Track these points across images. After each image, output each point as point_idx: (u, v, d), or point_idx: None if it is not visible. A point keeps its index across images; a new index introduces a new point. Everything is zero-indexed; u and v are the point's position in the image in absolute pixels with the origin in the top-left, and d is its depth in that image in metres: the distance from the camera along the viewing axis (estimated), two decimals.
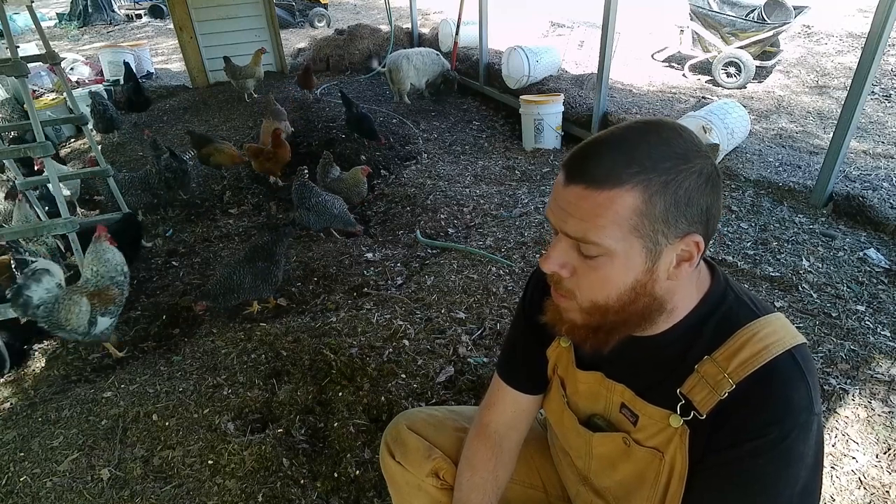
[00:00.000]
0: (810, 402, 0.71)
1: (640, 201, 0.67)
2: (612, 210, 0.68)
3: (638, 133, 0.70)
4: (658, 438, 0.81)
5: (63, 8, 14.40)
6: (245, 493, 1.60)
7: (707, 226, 0.72)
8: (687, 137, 0.70)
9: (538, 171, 4.09)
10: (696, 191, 0.69)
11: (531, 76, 5.14)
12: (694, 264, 0.73)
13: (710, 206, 0.70)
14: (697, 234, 0.71)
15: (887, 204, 2.88)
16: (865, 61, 2.63)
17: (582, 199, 0.69)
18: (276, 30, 7.16)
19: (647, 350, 0.82)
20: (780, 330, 0.75)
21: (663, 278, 0.73)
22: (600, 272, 0.72)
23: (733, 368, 0.73)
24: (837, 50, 5.96)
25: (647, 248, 0.70)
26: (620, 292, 0.73)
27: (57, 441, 1.86)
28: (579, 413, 0.94)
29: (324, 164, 3.72)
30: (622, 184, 0.67)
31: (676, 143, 0.69)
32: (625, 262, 0.71)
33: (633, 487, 0.87)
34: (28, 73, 2.68)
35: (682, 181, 0.68)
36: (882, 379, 1.82)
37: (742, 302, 0.79)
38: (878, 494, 1.47)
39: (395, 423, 1.14)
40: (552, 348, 0.97)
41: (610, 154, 0.69)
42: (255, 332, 2.31)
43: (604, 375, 0.88)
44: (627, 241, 0.69)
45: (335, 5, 13.22)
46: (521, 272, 2.63)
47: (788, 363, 0.72)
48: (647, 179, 0.67)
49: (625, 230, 0.68)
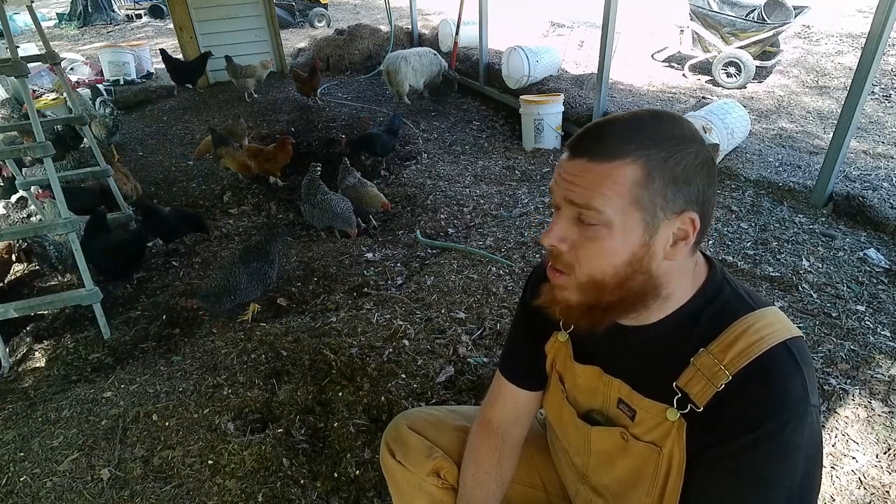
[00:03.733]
0: (806, 393, 0.71)
1: (641, 174, 0.70)
2: (614, 181, 0.71)
3: (639, 116, 0.75)
4: (656, 433, 0.81)
5: (63, 8, 14.39)
6: (245, 493, 1.60)
7: (703, 208, 0.74)
8: (686, 126, 0.74)
9: (538, 171, 4.09)
10: (693, 171, 0.72)
11: (531, 76, 5.14)
12: (689, 243, 0.75)
13: (705, 189, 0.73)
14: (694, 212, 0.73)
15: (887, 204, 2.88)
16: (865, 61, 2.63)
17: (586, 170, 0.72)
18: (276, 30, 7.16)
19: (642, 342, 0.82)
20: (776, 322, 0.75)
21: (660, 256, 0.74)
22: (599, 243, 0.74)
23: (729, 360, 0.73)
24: (837, 50, 5.96)
25: (645, 220, 0.72)
26: (617, 266, 0.74)
27: (57, 441, 1.85)
28: (578, 408, 0.94)
29: (342, 169, 3.65)
30: (624, 157, 0.71)
31: (676, 127, 0.73)
32: (623, 234, 0.72)
33: (631, 483, 0.87)
34: (28, 73, 2.68)
35: (680, 159, 0.71)
36: (882, 379, 1.82)
37: (738, 295, 0.79)
38: (878, 494, 1.47)
39: (395, 422, 1.15)
40: (550, 343, 0.98)
41: (612, 131, 0.74)
42: (255, 332, 2.31)
43: (602, 370, 0.88)
44: (627, 213, 0.72)
45: (335, 5, 13.23)
46: (521, 272, 2.63)
47: (783, 354, 0.72)
48: (647, 154, 0.71)
49: (625, 201, 0.71)
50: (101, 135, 4.71)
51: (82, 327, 2.71)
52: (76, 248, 2.51)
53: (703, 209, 0.74)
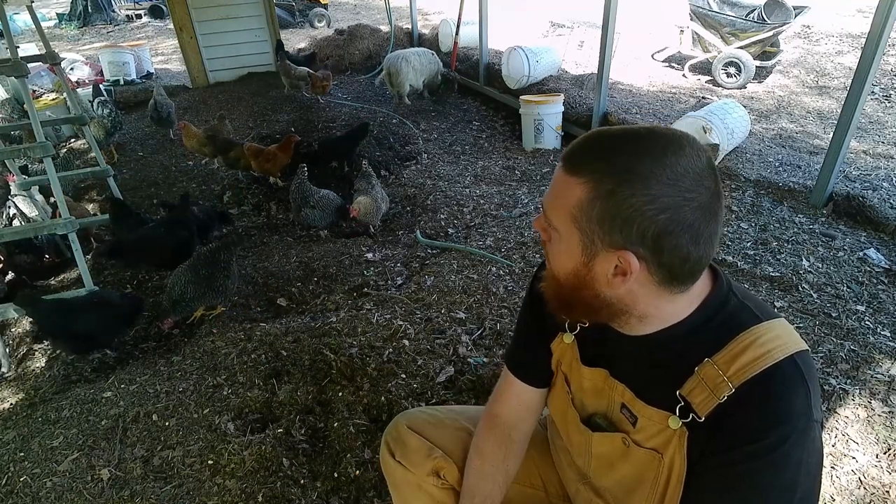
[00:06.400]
0: (809, 407, 0.71)
1: (584, 197, 0.71)
2: (564, 195, 0.74)
3: (629, 138, 0.72)
4: (657, 440, 0.81)
5: (63, 8, 14.39)
6: (245, 493, 1.60)
7: (657, 254, 0.70)
8: (680, 169, 0.67)
9: (538, 172, 4.09)
10: (643, 214, 0.67)
11: (531, 76, 5.14)
12: (630, 280, 0.72)
13: (660, 236, 0.68)
14: (634, 254, 0.70)
15: (887, 204, 2.88)
16: (865, 61, 2.63)
17: (556, 176, 0.76)
18: (276, 30, 7.15)
19: (642, 350, 0.82)
20: (783, 335, 0.74)
21: (603, 282, 0.75)
22: (553, 246, 0.79)
23: (733, 372, 0.73)
24: (837, 50, 5.96)
25: (583, 242, 0.74)
26: (566, 273, 0.78)
27: (57, 441, 1.85)
28: (583, 410, 0.94)
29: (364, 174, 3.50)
30: (579, 175, 0.72)
31: (651, 163, 0.67)
32: (567, 246, 0.76)
33: (631, 487, 0.87)
34: (28, 73, 2.69)
35: (628, 197, 0.68)
36: (882, 379, 1.82)
37: (744, 306, 0.78)
38: (878, 494, 1.47)
39: (395, 422, 1.15)
40: (556, 343, 0.98)
41: (587, 146, 0.75)
42: (255, 332, 2.31)
43: (608, 374, 0.88)
44: (569, 229, 0.74)
45: (335, 5, 13.22)
46: (521, 272, 2.63)
47: (790, 369, 0.72)
48: (598, 180, 0.70)
49: (568, 217, 0.74)
50: (100, 135, 4.71)
51: None
52: (76, 248, 2.51)
53: (660, 255, 0.70)
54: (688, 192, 0.68)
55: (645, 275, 0.72)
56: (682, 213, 0.68)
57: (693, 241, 0.69)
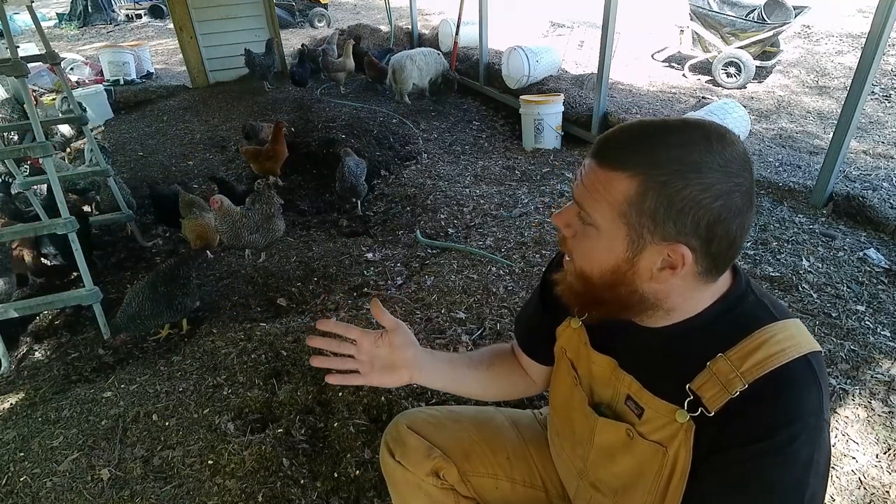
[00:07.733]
0: (821, 407, 0.71)
1: (634, 191, 0.70)
2: (608, 189, 0.72)
3: (672, 129, 0.72)
4: (662, 433, 0.80)
5: (63, 8, 14.38)
6: (245, 493, 1.60)
7: (708, 243, 0.71)
8: (727, 155, 0.69)
9: (538, 171, 4.09)
10: (698, 204, 0.68)
11: (531, 76, 5.14)
12: (678, 274, 0.73)
13: (713, 224, 0.69)
14: (686, 245, 0.70)
15: (887, 204, 2.88)
16: (865, 61, 2.63)
17: (591, 171, 0.74)
18: (276, 30, 7.16)
19: (656, 342, 0.82)
20: (798, 335, 0.74)
21: (646, 277, 0.74)
22: (588, 243, 0.77)
23: (747, 368, 0.72)
24: (837, 50, 5.96)
25: (630, 237, 0.72)
26: (602, 270, 0.76)
27: (57, 441, 1.85)
28: (590, 396, 0.94)
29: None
30: (624, 169, 0.70)
31: (701, 153, 0.68)
32: (608, 242, 0.74)
33: (632, 481, 0.87)
34: (28, 73, 2.68)
35: (682, 188, 0.68)
36: (882, 379, 1.82)
37: (761, 304, 0.78)
38: (878, 494, 1.47)
39: (395, 422, 1.15)
40: (562, 327, 0.98)
41: (629, 139, 0.73)
42: (255, 332, 2.31)
43: (617, 364, 0.88)
44: (614, 224, 0.72)
45: (335, 5, 13.22)
46: (521, 272, 2.63)
47: (803, 368, 0.71)
48: (647, 173, 0.69)
49: (614, 212, 0.72)
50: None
51: (82, 327, 2.71)
52: (76, 247, 2.51)
53: (709, 244, 0.71)
54: (736, 178, 0.69)
55: (690, 265, 0.72)
56: (733, 199, 0.69)
57: (741, 226, 0.71)
